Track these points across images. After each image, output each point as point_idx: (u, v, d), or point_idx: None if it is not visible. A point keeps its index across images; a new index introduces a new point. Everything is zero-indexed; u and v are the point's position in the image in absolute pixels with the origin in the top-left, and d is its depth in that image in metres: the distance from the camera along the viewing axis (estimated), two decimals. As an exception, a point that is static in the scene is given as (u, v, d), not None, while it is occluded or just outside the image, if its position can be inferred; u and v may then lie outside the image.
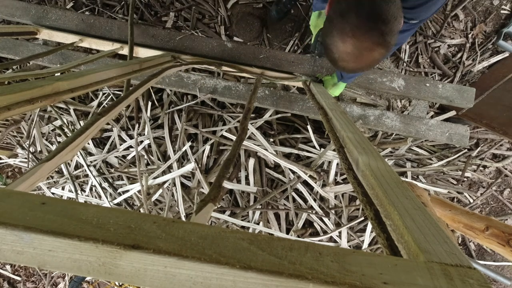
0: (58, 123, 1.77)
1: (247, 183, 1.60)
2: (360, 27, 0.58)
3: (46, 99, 0.56)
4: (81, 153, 1.72)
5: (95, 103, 1.75)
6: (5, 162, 2.03)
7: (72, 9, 1.84)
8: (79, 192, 1.80)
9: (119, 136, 1.74)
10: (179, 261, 0.21)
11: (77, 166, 1.82)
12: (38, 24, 1.48)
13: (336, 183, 1.60)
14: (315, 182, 1.57)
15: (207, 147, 1.62)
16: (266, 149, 1.55)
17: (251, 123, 1.59)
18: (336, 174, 1.60)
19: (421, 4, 0.78)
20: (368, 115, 1.46)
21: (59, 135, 1.80)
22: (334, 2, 0.64)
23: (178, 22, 1.78)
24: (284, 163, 1.55)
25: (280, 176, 1.63)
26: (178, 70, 1.25)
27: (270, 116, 1.61)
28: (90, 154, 1.78)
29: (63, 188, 1.86)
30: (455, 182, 1.86)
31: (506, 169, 1.93)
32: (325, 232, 1.61)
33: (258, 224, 1.62)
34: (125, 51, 1.46)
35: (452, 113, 1.66)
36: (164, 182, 1.64)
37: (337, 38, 0.60)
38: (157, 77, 0.96)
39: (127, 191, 1.72)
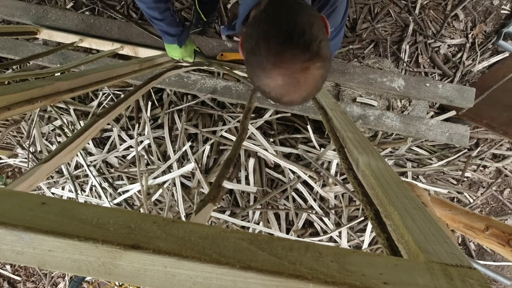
0: (58, 123, 1.78)
1: (247, 183, 1.60)
2: (276, 54, 0.48)
3: (46, 99, 0.56)
4: (81, 153, 1.72)
5: (95, 103, 1.75)
6: (5, 162, 2.03)
7: (72, 9, 1.84)
8: (79, 192, 1.80)
9: (119, 136, 1.74)
10: (179, 261, 0.21)
11: (77, 166, 1.82)
12: (38, 24, 1.48)
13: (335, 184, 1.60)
14: (315, 182, 1.57)
15: (207, 147, 1.62)
16: (266, 149, 1.55)
17: (251, 123, 1.59)
18: (336, 174, 1.60)
19: (331, 12, 0.75)
20: (368, 115, 1.46)
21: (59, 135, 1.80)
22: (244, 41, 0.56)
23: (178, 22, 1.78)
24: (284, 163, 1.55)
25: (280, 176, 1.63)
26: (178, 72, 1.25)
27: (270, 116, 1.61)
28: (90, 154, 1.78)
29: (63, 188, 1.86)
30: (455, 182, 1.86)
31: (506, 169, 1.93)
32: (325, 232, 1.61)
33: (258, 224, 1.62)
34: (125, 51, 1.46)
35: (452, 113, 1.66)
36: (164, 182, 1.64)
37: (263, 77, 0.51)
38: (157, 79, 0.96)
39: (127, 191, 1.72)
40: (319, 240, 1.61)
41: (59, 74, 0.96)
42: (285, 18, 0.51)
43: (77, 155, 1.74)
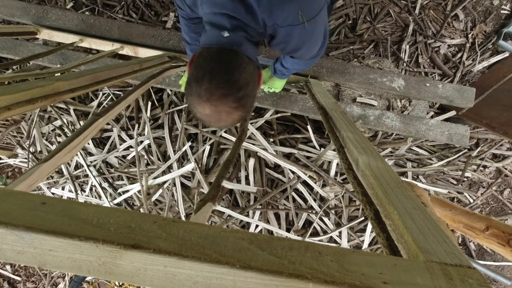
0: (58, 123, 1.78)
1: (247, 183, 1.60)
2: (213, 94, 0.60)
3: (46, 99, 0.57)
4: (81, 153, 1.72)
5: (95, 103, 1.75)
6: (5, 162, 2.03)
7: (72, 9, 1.84)
8: (79, 192, 1.80)
9: (119, 136, 1.74)
10: (179, 261, 0.21)
11: (77, 166, 1.82)
12: (38, 24, 1.48)
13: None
14: (315, 183, 1.57)
15: (207, 147, 1.62)
16: (266, 149, 1.55)
17: (251, 123, 1.59)
18: (336, 174, 1.60)
19: (284, 45, 0.79)
20: (368, 115, 1.46)
21: (59, 135, 1.80)
22: (193, 66, 0.66)
23: (178, 22, 1.78)
24: (284, 164, 1.55)
25: (280, 176, 1.63)
26: (177, 71, 1.25)
27: (270, 116, 1.61)
28: (90, 154, 1.78)
29: (63, 188, 1.86)
30: (455, 182, 1.86)
31: (506, 169, 1.93)
32: (325, 232, 1.61)
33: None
34: (125, 51, 1.46)
35: (452, 113, 1.66)
36: (164, 182, 1.64)
37: (195, 101, 0.62)
38: (156, 78, 0.96)
39: (127, 191, 1.72)
40: (319, 240, 1.61)
41: (59, 74, 0.96)
42: (232, 70, 0.63)
43: (77, 155, 1.74)
